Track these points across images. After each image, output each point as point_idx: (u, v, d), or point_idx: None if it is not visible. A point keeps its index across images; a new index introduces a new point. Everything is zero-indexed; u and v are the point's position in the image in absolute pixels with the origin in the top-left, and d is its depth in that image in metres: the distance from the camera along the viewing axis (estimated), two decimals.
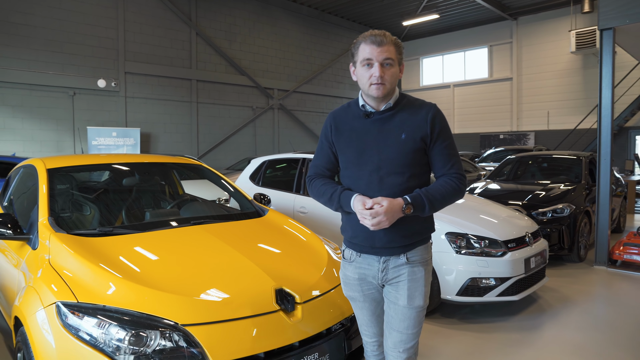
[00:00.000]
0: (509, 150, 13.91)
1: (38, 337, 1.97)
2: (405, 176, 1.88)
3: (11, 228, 2.67)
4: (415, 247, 1.95)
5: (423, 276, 1.95)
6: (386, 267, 1.94)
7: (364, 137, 1.91)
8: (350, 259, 2.02)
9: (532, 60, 18.85)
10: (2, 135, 11.58)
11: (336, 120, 2.01)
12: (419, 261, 1.95)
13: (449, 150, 1.93)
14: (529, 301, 4.60)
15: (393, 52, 1.86)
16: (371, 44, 1.83)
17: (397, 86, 1.95)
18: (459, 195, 1.92)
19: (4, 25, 11.43)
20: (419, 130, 1.88)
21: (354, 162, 1.92)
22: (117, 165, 3.68)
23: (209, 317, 1.96)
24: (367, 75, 1.85)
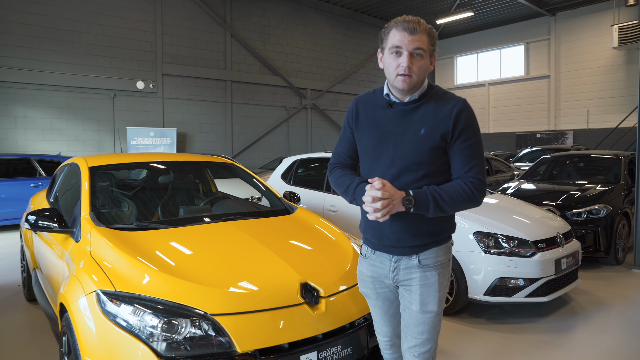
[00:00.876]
0: (545, 149, 13.60)
1: (80, 322, 2.13)
2: (418, 174, 1.75)
3: (57, 222, 2.87)
4: (428, 248, 1.83)
5: (436, 281, 1.83)
6: (397, 268, 1.85)
7: (383, 128, 1.80)
8: (365, 255, 1.97)
9: (571, 57, 18.31)
10: (48, 135, 12.18)
11: (359, 106, 1.90)
12: (433, 265, 1.83)
13: (470, 150, 1.75)
14: (560, 303, 4.53)
15: (425, 42, 1.71)
16: (403, 31, 1.69)
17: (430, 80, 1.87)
18: (472, 202, 1.74)
19: (52, 32, 12.03)
20: (440, 126, 1.74)
21: (369, 154, 1.84)
22: (154, 164, 3.86)
23: (236, 308, 2.07)
24: (394, 65, 1.72)
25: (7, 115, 11.64)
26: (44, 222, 2.85)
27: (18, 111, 11.76)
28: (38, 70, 11.87)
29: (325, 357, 2.15)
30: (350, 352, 2.26)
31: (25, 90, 11.82)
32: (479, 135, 1.79)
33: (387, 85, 1.83)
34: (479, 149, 1.77)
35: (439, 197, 1.70)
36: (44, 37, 11.96)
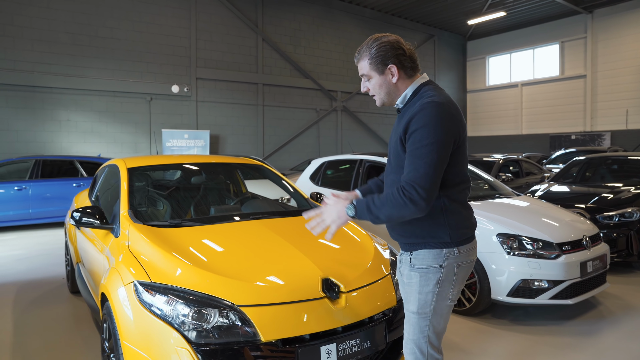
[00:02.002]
0: (580, 151, 13.25)
1: (119, 310, 2.33)
2: (399, 177, 1.84)
3: (98, 218, 3.11)
4: (418, 248, 1.89)
5: (417, 282, 1.88)
6: (400, 260, 2.00)
7: (391, 135, 1.98)
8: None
9: (609, 55, 17.78)
10: (89, 138, 12.76)
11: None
12: (418, 266, 1.88)
13: (413, 153, 1.71)
14: (587, 306, 4.50)
15: (366, 67, 1.87)
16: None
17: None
18: (403, 208, 1.71)
19: (94, 40, 12.63)
20: (402, 130, 1.80)
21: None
22: (187, 165, 4.08)
23: (261, 300, 2.22)
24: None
25: (53, 119, 12.27)
26: (87, 219, 3.09)
27: (62, 115, 12.38)
28: (81, 76, 12.47)
29: (344, 349, 2.27)
30: (368, 345, 2.38)
31: (69, 95, 12.43)
32: (432, 138, 1.69)
33: None
34: (424, 152, 1.68)
35: (372, 203, 1.78)
36: (86, 45, 12.55)
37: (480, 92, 22.08)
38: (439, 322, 1.91)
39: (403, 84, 1.88)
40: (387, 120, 19.74)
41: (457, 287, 1.91)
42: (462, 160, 1.86)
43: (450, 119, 1.74)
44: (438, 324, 1.91)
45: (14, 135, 11.81)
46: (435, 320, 1.89)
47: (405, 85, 1.88)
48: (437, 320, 1.90)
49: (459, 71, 22.69)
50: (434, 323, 1.89)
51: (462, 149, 1.84)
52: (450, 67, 22.21)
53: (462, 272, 1.91)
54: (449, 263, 1.86)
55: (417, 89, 1.86)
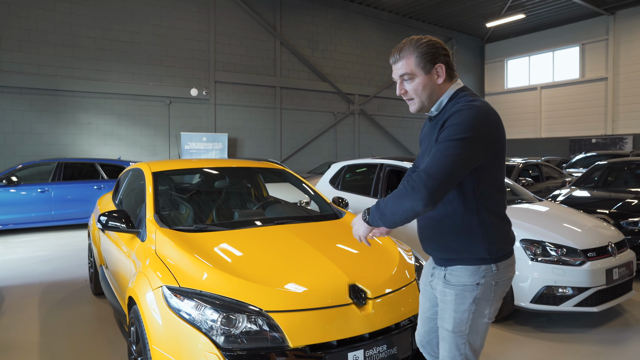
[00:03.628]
0: (601, 155, 13.03)
1: (148, 315, 2.36)
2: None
3: (125, 222, 3.15)
4: (454, 264, 1.81)
5: (452, 301, 1.80)
6: (433, 274, 1.93)
7: (422, 142, 1.95)
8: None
9: (631, 57, 17.46)
10: (109, 140, 12.96)
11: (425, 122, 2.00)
12: (453, 284, 1.80)
13: (437, 146, 1.65)
14: (612, 314, 4.42)
15: (410, 65, 1.76)
16: (391, 64, 1.84)
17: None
18: (403, 198, 1.64)
19: (115, 44, 12.84)
20: (437, 135, 1.73)
21: (417, 167, 1.96)
22: (211, 170, 4.12)
23: (289, 306, 2.23)
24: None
25: (74, 122, 12.50)
26: (114, 223, 3.14)
27: (83, 118, 12.60)
28: (102, 80, 12.69)
29: (372, 355, 2.27)
30: (395, 352, 2.37)
31: (91, 99, 12.65)
32: (460, 134, 1.61)
33: None
34: (446, 146, 1.61)
35: (381, 201, 1.73)
36: (108, 49, 12.77)
37: (499, 95, 21.86)
38: (476, 339, 1.82)
39: (444, 87, 1.80)
40: (404, 124, 19.66)
41: (494, 304, 1.82)
42: (501, 170, 1.78)
43: (487, 123, 1.67)
44: (475, 342, 1.82)
45: (37, 138, 12.06)
46: (472, 337, 1.81)
47: (445, 89, 1.81)
48: (473, 337, 1.81)
49: (477, 74, 22.51)
50: (470, 340, 1.81)
51: (500, 158, 1.76)
52: (468, 70, 22.05)
53: (500, 290, 1.81)
54: (487, 281, 1.76)
55: (454, 94, 1.80)
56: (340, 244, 2.95)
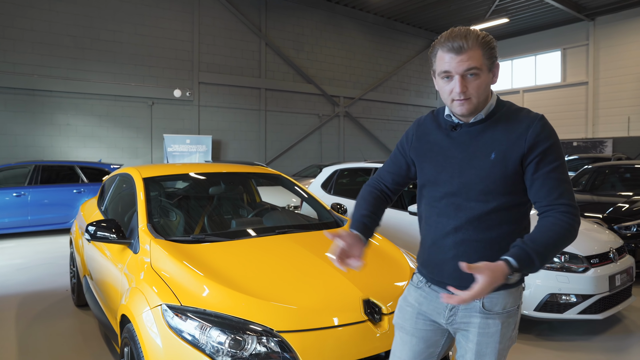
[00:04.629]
0: (583, 158, 13.17)
1: (146, 336, 2.15)
2: (489, 206, 1.52)
3: (115, 233, 2.93)
4: (495, 290, 1.51)
5: (498, 331, 1.55)
6: (456, 307, 1.59)
7: (446, 153, 1.59)
8: (417, 284, 1.71)
9: (611, 62, 17.77)
10: (89, 142, 12.57)
11: (420, 129, 1.70)
12: (498, 312, 1.56)
13: (557, 174, 1.48)
14: (613, 321, 4.37)
15: (479, 58, 1.46)
16: (448, 52, 1.46)
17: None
18: (572, 237, 1.46)
19: (96, 43, 12.47)
20: (515, 149, 1.50)
21: (431, 181, 1.62)
22: (205, 175, 3.92)
23: (302, 325, 2.05)
24: (447, 90, 1.50)
25: (52, 123, 12.08)
26: (103, 233, 2.92)
27: (62, 119, 12.18)
28: (82, 80, 12.29)
29: None
30: None
31: (70, 99, 12.24)
32: (563, 155, 1.53)
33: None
34: (565, 171, 1.51)
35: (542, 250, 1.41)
36: (88, 48, 12.39)
37: None
38: None
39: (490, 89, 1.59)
40: (389, 126, 19.64)
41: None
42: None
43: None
44: None
45: (12, 140, 11.61)
46: None
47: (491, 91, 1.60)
48: None
49: None
50: None
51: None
52: None
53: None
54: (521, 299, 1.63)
55: (498, 99, 1.61)
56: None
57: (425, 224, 1.68)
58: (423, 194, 1.69)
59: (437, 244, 1.60)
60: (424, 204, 1.69)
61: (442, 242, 1.58)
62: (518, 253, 1.39)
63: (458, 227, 1.55)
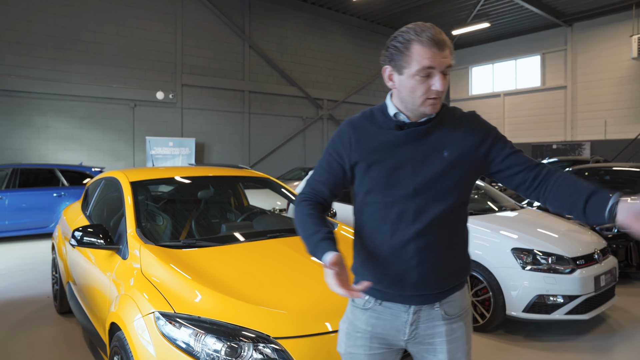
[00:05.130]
0: (563, 160, 13.43)
1: (138, 344, 2.10)
2: (448, 203, 1.48)
3: (103, 238, 2.86)
4: (451, 293, 1.53)
5: (464, 333, 1.56)
6: (417, 320, 1.51)
7: (396, 154, 1.48)
8: (364, 305, 1.56)
9: (588, 67, 18.16)
10: (69, 145, 12.31)
11: (358, 131, 1.54)
12: (458, 314, 1.55)
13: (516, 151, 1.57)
14: (597, 320, 4.44)
15: (451, 57, 1.44)
16: (431, 47, 1.36)
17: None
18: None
19: (76, 44, 12.23)
20: (468, 145, 1.49)
21: (382, 185, 1.49)
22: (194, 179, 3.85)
23: (299, 330, 2.03)
24: (422, 88, 1.40)
25: (31, 125, 11.79)
26: (90, 239, 2.84)
27: (40, 121, 11.90)
28: (62, 81, 12.03)
29: None
30: None
31: (49, 101, 11.97)
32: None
33: (391, 102, 1.52)
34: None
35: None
36: (68, 49, 12.13)
37: (464, 101, 22.30)
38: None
39: None
40: None
41: None
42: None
43: None
44: None
45: None
46: None
47: None
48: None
49: None
50: None
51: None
52: None
53: None
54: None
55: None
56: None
57: (374, 234, 1.51)
58: (367, 201, 1.52)
59: (396, 254, 1.47)
60: (368, 212, 1.53)
61: (402, 251, 1.46)
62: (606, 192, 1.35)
63: (420, 232, 1.45)
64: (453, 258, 1.52)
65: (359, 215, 1.58)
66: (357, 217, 1.59)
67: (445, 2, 16.46)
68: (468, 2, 16.63)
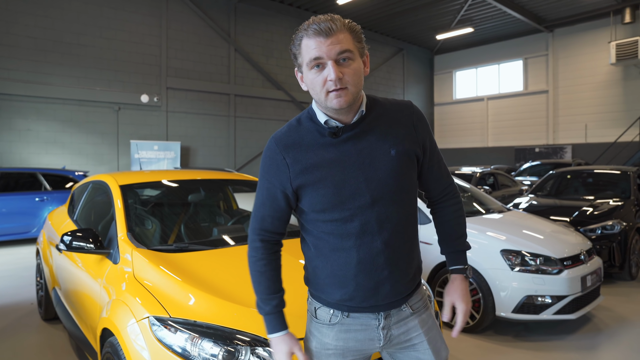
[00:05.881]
0: (546, 164, 13.66)
1: (132, 350, 2.06)
2: (403, 204, 1.42)
3: (93, 242, 2.82)
4: (413, 293, 1.52)
5: (433, 318, 1.57)
6: (389, 325, 1.45)
7: (339, 165, 1.36)
8: (330, 321, 1.47)
9: (569, 72, 18.53)
10: (52, 149, 12.10)
11: (289, 150, 1.40)
12: (422, 305, 1.54)
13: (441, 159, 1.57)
14: (583, 320, 4.52)
15: (350, 41, 1.31)
16: (316, 36, 1.29)
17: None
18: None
19: (59, 46, 12.03)
20: (409, 140, 1.42)
21: (333, 202, 1.37)
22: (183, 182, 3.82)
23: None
24: (319, 81, 1.31)
25: (11, 129, 11.56)
26: (79, 243, 2.79)
27: (21, 124, 11.68)
28: (43, 84, 11.83)
29: None
30: None
31: (30, 104, 11.76)
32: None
33: (318, 109, 1.40)
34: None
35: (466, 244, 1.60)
36: (50, 51, 11.94)
37: (448, 105, 22.54)
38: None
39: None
40: None
41: None
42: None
43: None
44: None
45: None
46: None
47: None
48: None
49: (426, 84, 23.11)
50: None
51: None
52: (418, 80, 22.59)
53: None
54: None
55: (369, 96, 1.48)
56: None
57: (337, 252, 1.40)
58: (322, 219, 1.40)
59: (366, 269, 1.38)
60: (326, 230, 1.40)
61: (373, 264, 1.38)
62: (464, 258, 1.57)
63: (387, 241, 1.38)
64: (414, 258, 1.49)
65: (312, 232, 1.44)
66: (309, 234, 1.46)
67: (429, 7, 16.65)
68: (452, 7, 16.85)
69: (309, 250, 1.50)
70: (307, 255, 1.52)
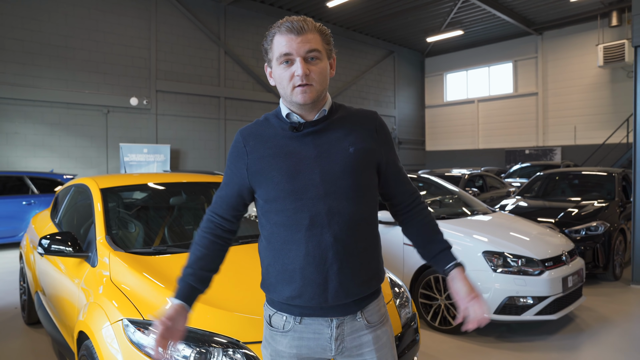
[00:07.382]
0: (535, 165, 13.76)
1: (106, 352, 2.07)
2: (358, 202, 1.43)
3: (71, 246, 2.82)
4: (370, 301, 1.49)
5: (388, 338, 1.53)
6: (341, 334, 1.43)
7: (296, 156, 1.41)
8: (283, 327, 1.46)
9: (557, 74, 18.70)
10: (40, 152, 12.02)
11: (251, 140, 1.47)
12: (379, 321, 1.51)
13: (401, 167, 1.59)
14: (565, 320, 4.56)
15: (319, 42, 1.39)
16: (288, 33, 1.37)
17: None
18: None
19: (47, 48, 11.96)
20: (369, 143, 1.47)
21: (286, 191, 1.39)
22: (165, 185, 3.82)
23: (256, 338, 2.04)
24: (287, 76, 1.38)
25: None
26: (58, 247, 2.80)
27: (8, 127, 11.59)
28: (31, 86, 11.75)
29: None
30: None
31: (18, 107, 11.67)
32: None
33: (283, 104, 1.47)
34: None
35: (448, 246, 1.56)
36: (37, 53, 11.87)
37: (438, 107, 22.66)
38: None
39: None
40: None
41: None
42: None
43: None
44: None
45: None
46: None
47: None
48: None
49: (417, 87, 23.20)
50: None
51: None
52: (409, 82, 22.68)
53: None
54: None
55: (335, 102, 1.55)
56: None
57: (287, 244, 1.41)
58: (274, 209, 1.43)
59: (315, 263, 1.38)
60: (277, 221, 1.42)
61: (322, 258, 1.38)
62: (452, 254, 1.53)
63: (337, 235, 1.38)
64: (370, 262, 1.46)
65: (266, 225, 1.47)
66: (264, 228, 1.49)
67: (420, 10, 16.74)
68: (442, 10, 16.95)
69: (263, 248, 1.52)
70: (261, 254, 1.54)
